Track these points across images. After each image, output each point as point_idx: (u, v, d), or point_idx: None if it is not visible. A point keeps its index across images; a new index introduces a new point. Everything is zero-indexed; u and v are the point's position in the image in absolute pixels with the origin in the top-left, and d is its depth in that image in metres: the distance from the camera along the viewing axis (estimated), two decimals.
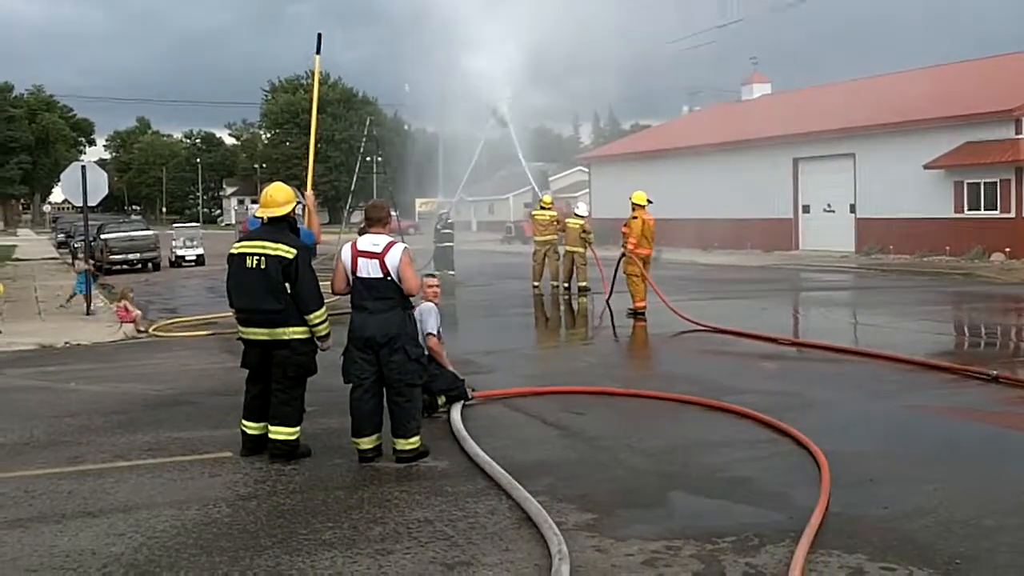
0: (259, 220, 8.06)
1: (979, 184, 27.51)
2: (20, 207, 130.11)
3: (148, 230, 36.33)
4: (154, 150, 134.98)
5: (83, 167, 18.08)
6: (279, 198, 7.00)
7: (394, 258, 6.76)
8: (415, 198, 55.95)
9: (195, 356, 12.72)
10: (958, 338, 14.11)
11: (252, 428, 7.05)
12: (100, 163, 41.24)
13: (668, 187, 33.07)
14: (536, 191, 38.24)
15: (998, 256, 26.47)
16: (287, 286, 6.77)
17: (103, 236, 33.56)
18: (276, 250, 6.78)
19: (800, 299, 20.32)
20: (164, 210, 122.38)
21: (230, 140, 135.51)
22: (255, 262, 6.80)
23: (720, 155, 35.90)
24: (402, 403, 6.81)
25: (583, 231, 19.45)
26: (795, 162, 33.98)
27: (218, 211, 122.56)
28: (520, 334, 15.26)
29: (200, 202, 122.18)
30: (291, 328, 6.81)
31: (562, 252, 20.04)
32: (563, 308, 18.13)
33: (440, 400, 8.25)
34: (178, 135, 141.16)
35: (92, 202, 18.14)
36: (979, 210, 27.58)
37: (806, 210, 33.97)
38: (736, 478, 6.31)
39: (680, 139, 39.89)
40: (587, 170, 49.40)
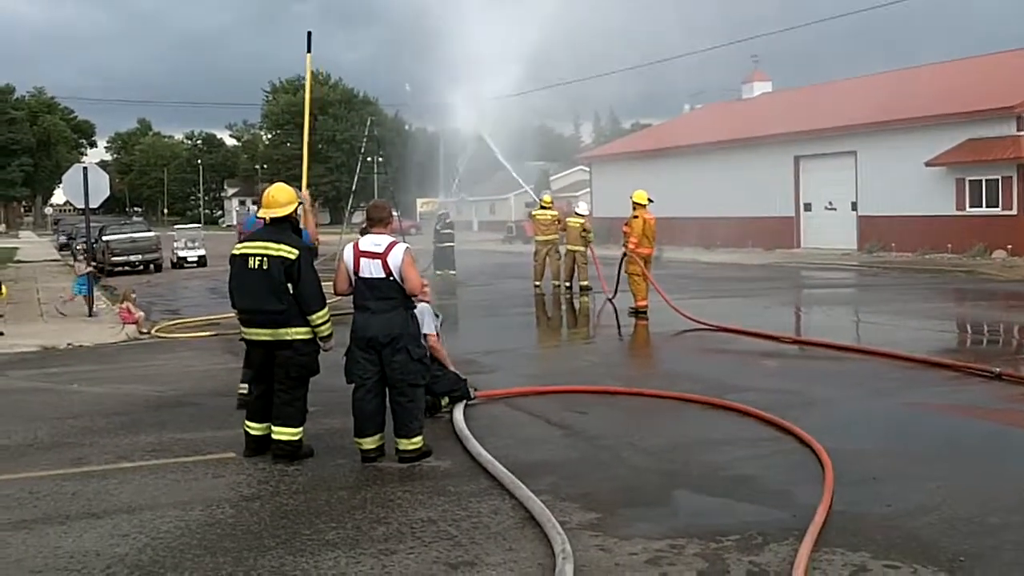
0: (253, 220, 8.12)
1: (981, 181, 27.49)
2: (22, 209, 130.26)
3: (150, 232, 36.43)
4: (155, 151, 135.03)
5: (85, 169, 18.10)
6: (281, 199, 7.01)
7: (396, 258, 6.77)
8: (416, 198, 56.03)
9: (198, 357, 12.73)
10: (960, 335, 14.10)
11: (255, 429, 7.06)
12: (101, 165, 41.24)
13: (669, 186, 33.08)
14: (531, 193, 38.29)
15: (1000, 253, 26.45)
16: (289, 287, 6.78)
17: (105, 238, 33.60)
18: (278, 251, 6.78)
19: (802, 297, 20.32)
20: (165, 211, 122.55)
21: (231, 141, 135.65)
22: (257, 263, 6.81)
23: (721, 153, 35.90)
24: (405, 403, 6.82)
25: (583, 230, 19.46)
26: (796, 160, 33.97)
27: (219, 212, 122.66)
28: (522, 333, 15.26)
29: (201, 203, 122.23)
30: (294, 328, 6.82)
31: (563, 251, 20.06)
32: (564, 307, 18.14)
33: (443, 402, 8.26)
34: (179, 136, 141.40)
35: (94, 204, 18.16)
36: (981, 207, 27.57)
37: (807, 208, 33.95)
38: (739, 476, 6.31)
39: (681, 138, 39.88)
40: (588, 169, 49.40)
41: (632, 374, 11.07)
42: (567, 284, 19.66)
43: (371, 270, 6.78)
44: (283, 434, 6.88)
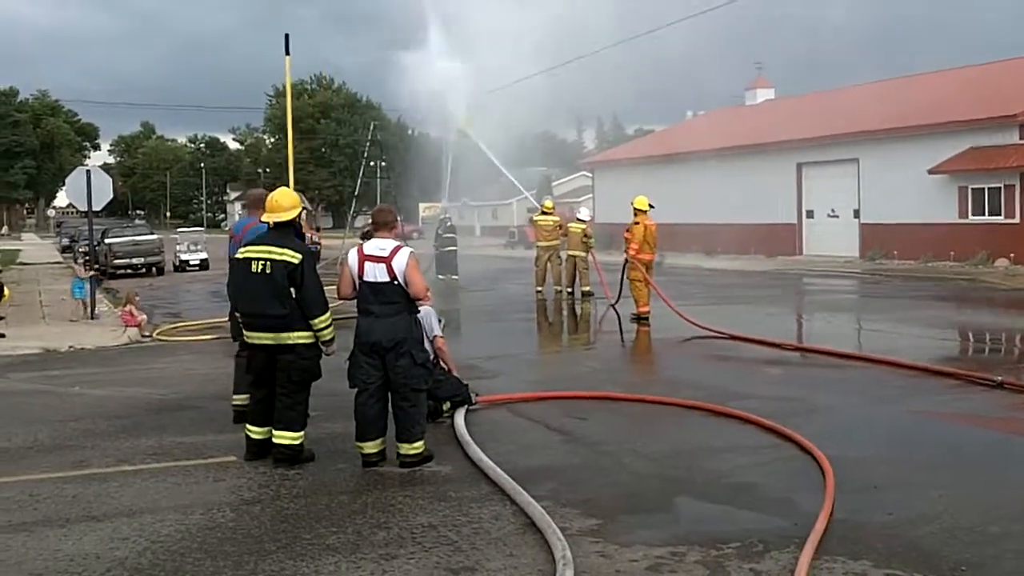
0: (245, 224, 8.16)
1: (983, 189, 27.48)
2: (24, 211, 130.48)
3: (152, 235, 36.43)
4: (158, 155, 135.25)
5: (88, 172, 18.13)
6: (285, 203, 7.02)
7: (401, 262, 6.78)
8: (418, 203, 56.03)
9: (199, 360, 12.74)
10: (962, 344, 14.09)
11: (256, 432, 7.06)
12: (104, 168, 41.25)
13: (672, 192, 33.06)
14: (532, 199, 38.26)
15: (1002, 262, 26.43)
16: (292, 291, 6.79)
17: (107, 241, 33.64)
18: (282, 255, 6.79)
19: (804, 304, 20.30)
20: (168, 215, 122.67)
21: (234, 145, 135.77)
22: (261, 267, 6.81)
23: (723, 160, 35.87)
24: (407, 408, 6.82)
25: (585, 235, 19.47)
26: (799, 167, 33.96)
27: (222, 216, 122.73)
28: (523, 339, 15.26)
29: (204, 207, 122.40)
30: (296, 333, 6.82)
31: (564, 257, 20.07)
32: (566, 313, 18.14)
33: (445, 407, 8.26)
34: (182, 140, 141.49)
35: (97, 207, 18.19)
36: (983, 215, 27.54)
37: (810, 215, 33.94)
38: (740, 484, 6.30)
39: (684, 144, 39.88)
40: (591, 175, 49.43)
41: (634, 380, 11.07)
42: (568, 290, 19.67)
43: (375, 274, 6.79)
44: (284, 438, 6.88)
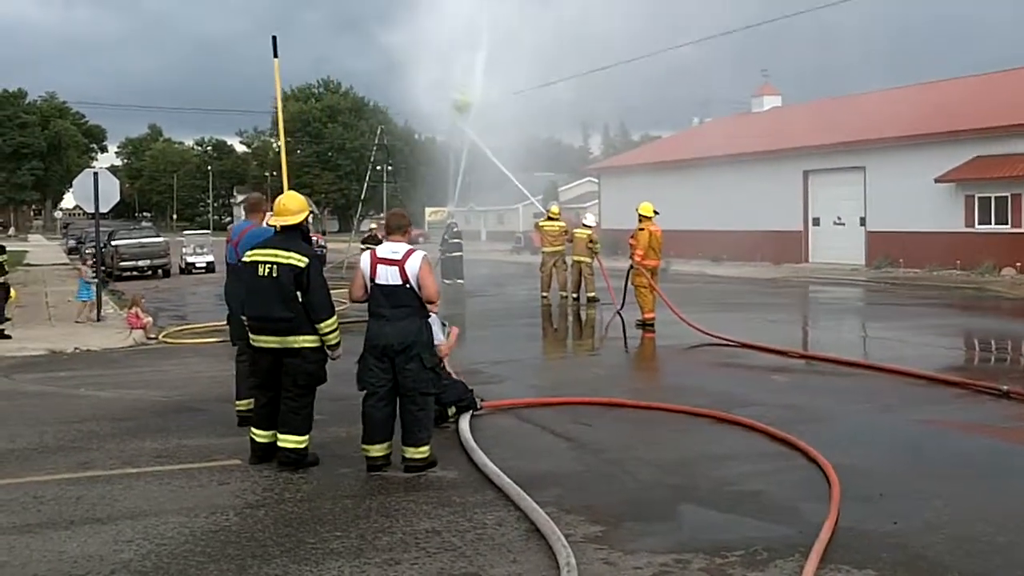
0: (242, 228, 8.17)
1: (990, 198, 27.42)
2: (32, 213, 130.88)
3: (158, 237, 36.55)
4: (165, 157, 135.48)
5: (95, 174, 18.19)
6: (292, 207, 7.03)
7: (414, 265, 6.79)
8: (425, 207, 56.11)
9: (205, 363, 12.75)
10: (968, 353, 14.05)
11: (261, 436, 7.06)
12: (111, 170, 41.31)
13: (678, 198, 33.02)
14: (538, 204, 38.23)
15: (1009, 271, 26.35)
16: (299, 295, 6.80)
17: (114, 243, 33.75)
18: (288, 259, 6.80)
19: (809, 312, 20.27)
20: (175, 217, 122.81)
21: (241, 148, 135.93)
22: (267, 270, 6.82)
23: (730, 167, 35.84)
24: (415, 412, 6.82)
25: (590, 241, 19.47)
26: (805, 175, 33.92)
27: (228, 219, 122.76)
28: (529, 344, 15.25)
29: (211, 209, 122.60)
30: (302, 336, 6.83)
31: (569, 262, 20.06)
32: (571, 318, 18.12)
33: (450, 412, 8.25)
34: (189, 142, 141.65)
35: (104, 209, 18.25)
36: (990, 224, 27.48)
37: (816, 223, 33.89)
38: (745, 491, 6.29)
39: (690, 151, 39.87)
40: (597, 181, 49.42)
41: (639, 386, 11.05)
42: (574, 295, 19.66)
43: (388, 277, 6.79)
44: (289, 442, 6.88)
